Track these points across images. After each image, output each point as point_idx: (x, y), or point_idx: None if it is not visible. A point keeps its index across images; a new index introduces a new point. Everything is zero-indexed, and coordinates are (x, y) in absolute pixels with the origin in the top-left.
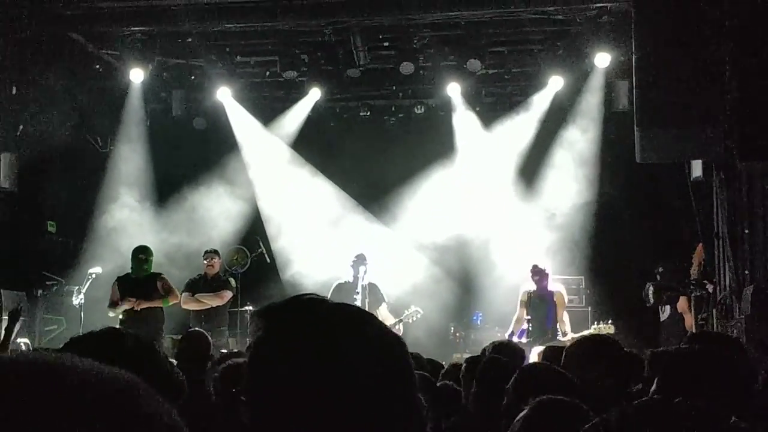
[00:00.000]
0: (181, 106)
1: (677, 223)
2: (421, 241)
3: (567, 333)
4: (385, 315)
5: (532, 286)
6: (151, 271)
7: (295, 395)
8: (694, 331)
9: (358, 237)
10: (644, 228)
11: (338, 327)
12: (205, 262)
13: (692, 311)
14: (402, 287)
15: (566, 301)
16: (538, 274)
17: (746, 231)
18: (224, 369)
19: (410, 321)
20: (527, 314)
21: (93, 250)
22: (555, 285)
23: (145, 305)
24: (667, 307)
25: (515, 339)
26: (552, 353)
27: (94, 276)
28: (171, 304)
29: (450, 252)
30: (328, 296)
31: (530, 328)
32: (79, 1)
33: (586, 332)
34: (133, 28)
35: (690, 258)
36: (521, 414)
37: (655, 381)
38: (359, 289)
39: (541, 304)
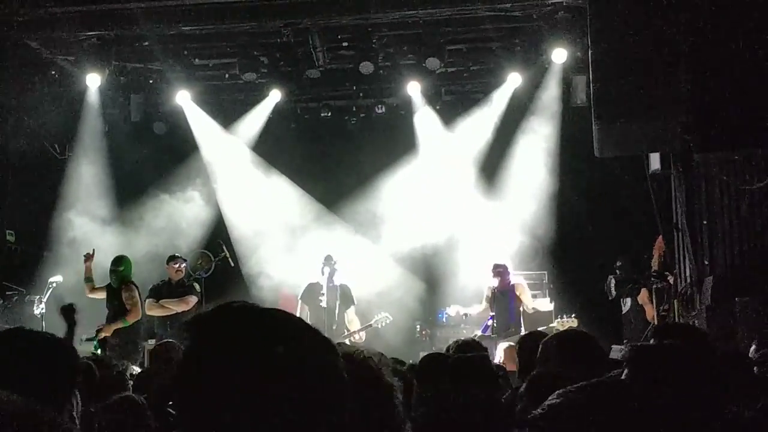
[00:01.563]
0: (140, 110)
1: (637, 216)
2: (385, 240)
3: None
4: (351, 318)
5: (495, 282)
6: (127, 280)
7: (226, 406)
8: (655, 322)
9: (322, 238)
10: (604, 221)
11: (267, 334)
12: (174, 266)
13: (653, 303)
14: (367, 286)
15: (526, 288)
16: (499, 273)
17: (705, 222)
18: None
19: (379, 326)
20: (492, 310)
21: (53, 258)
22: (515, 278)
23: (104, 332)
24: (629, 300)
25: (479, 334)
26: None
27: (54, 285)
28: (131, 322)
29: (414, 250)
30: (299, 297)
31: (494, 324)
32: (32, 7)
33: (550, 326)
34: (88, 33)
35: (649, 250)
36: (538, 411)
37: (624, 373)
38: (324, 291)
39: (502, 299)
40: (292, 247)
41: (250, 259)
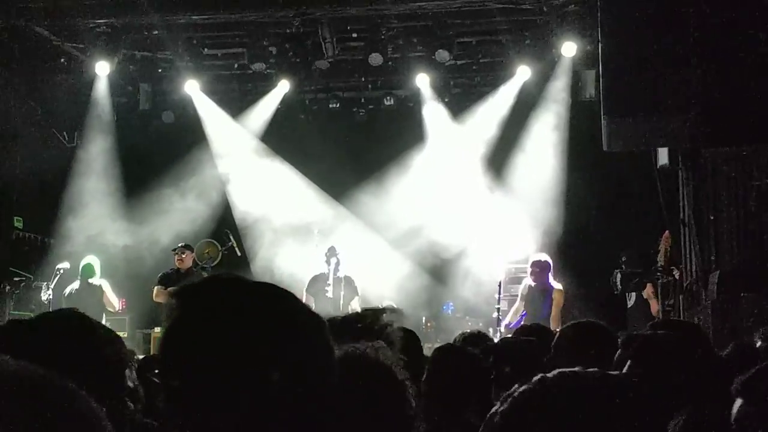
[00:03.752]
0: (149, 99)
1: (644, 211)
2: (392, 231)
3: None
4: (355, 308)
5: (531, 280)
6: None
7: (211, 376)
8: (660, 316)
9: (329, 229)
10: (611, 216)
11: (255, 305)
12: (176, 257)
13: (658, 297)
14: (373, 278)
15: (563, 301)
16: (538, 266)
17: (712, 217)
18: None
19: None
20: (525, 307)
21: (61, 245)
22: (556, 283)
23: None
24: (633, 294)
25: (505, 329)
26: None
27: (62, 271)
28: None
29: (420, 242)
30: (305, 289)
31: (524, 321)
32: None
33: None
34: (98, 21)
35: (655, 245)
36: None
37: (628, 364)
38: (330, 281)
39: (539, 296)
40: (299, 237)
41: (257, 248)
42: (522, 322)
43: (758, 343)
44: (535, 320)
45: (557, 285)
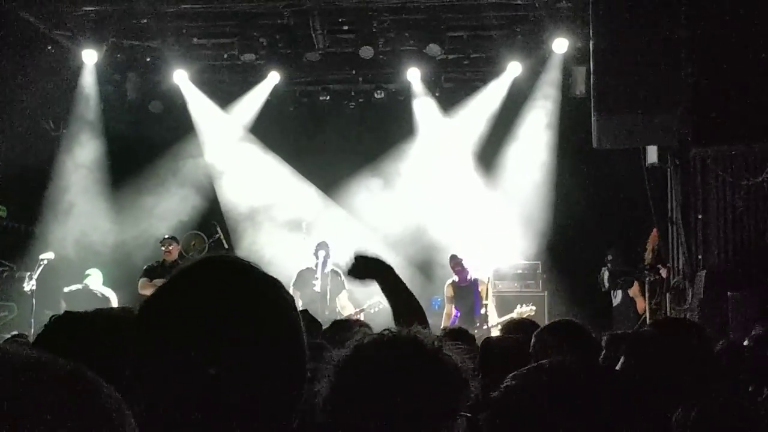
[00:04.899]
0: (137, 88)
1: (632, 209)
2: (380, 226)
3: (494, 320)
4: (344, 303)
5: (453, 279)
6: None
7: (177, 348)
8: (647, 315)
9: (317, 222)
10: (600, 213)
11: (241, 287)
12: (162, 249)
13: (645, 296)
14: None
15: (490, 289)
16: (459, 264)
17: (699, 216)
18: None
19: (372, 312)
20: (456, 306)
21: (45, 235)
22: (477, 274)
23: None
24: (619, 292)
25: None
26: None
27: (45, 262)
28: None
29: (409, 237)
30: (291, 283)
31: (458, 319)
32: None
33: (509, 316)
34: (86, 8)
35: (643, 243)
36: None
37: (621, 361)
38: (318, 275)
39: (466, 294)
40: (287, 230)
41: (244, 241)
42: (456, 322)
43: (746, 342)
44: (469, 317)
45: (480, 276)
